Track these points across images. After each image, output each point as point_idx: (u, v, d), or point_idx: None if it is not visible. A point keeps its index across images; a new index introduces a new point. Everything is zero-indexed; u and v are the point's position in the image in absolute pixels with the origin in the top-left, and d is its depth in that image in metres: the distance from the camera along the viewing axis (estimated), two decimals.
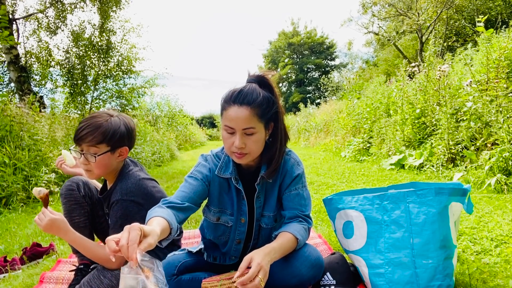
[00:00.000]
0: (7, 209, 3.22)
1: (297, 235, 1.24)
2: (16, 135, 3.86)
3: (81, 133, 1.29)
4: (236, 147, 1.19)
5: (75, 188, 1.46)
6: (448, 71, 4.03)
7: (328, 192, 3.37)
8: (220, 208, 1.35)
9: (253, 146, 1.21)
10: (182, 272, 1.31)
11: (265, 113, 1.21)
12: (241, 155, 1.21)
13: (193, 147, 13.58)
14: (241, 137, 1.19)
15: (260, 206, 1.35)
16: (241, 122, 1.17)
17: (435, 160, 3.88)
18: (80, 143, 1.31)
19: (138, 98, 8.88)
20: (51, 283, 1.60)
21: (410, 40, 16.64)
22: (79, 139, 1.30)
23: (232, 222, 1.35)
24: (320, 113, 11.57)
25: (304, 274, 1.26)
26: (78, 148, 1.33)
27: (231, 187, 1.34)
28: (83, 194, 1.48)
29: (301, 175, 1.36)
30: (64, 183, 1.48)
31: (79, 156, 1.34)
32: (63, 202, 1.46)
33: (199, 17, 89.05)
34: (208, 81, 74.38)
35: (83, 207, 1.46)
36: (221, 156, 1.36)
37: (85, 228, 1.44)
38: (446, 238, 1.23)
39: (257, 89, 1.21)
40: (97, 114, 1.35)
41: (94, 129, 1.29)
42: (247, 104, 1.17)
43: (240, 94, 1.19)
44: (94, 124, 1.30)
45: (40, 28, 8.35)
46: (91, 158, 1.30)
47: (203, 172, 1.32)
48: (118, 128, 1.33)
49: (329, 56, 30.37)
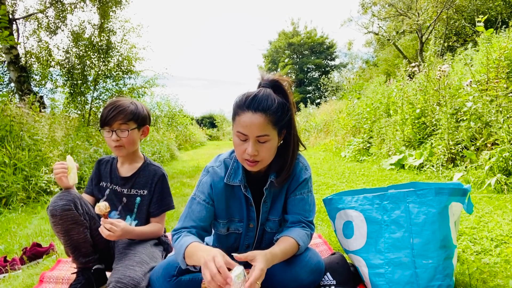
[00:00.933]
0: (7, 209, 3.22)
1: (299, 241, 1.23)
2: (16, 135, 3.86)
3: (112, 113, 1.46)
4: (248, 154, 1.16)
5: (73, 208, 1.34)
6: (448, 71, 4.03)
7: (328, 192, 3.37)
8: (228, 218, 1.35)
9: (266, 154, 1.18)
10: (182, 273, 1.31)
11: (280, 120, 1.18)
12: (254, 163, 1.19)
13: (193, 147, 13.57)
14: (254, 144, 1.15)
15: (266, 210, 1.35)
16: (255, 129, 1.13)
17: (435, 160, 3.88)
18: (111, 122, 1.46)
19: (138, 98, 8.87)
20: (51, 283, 1.59)
21: (410, 40, 16.64)
22: (111, 119, 1.45)
23: (242, 229, 1.35)
24: (320, 113, 11.58)
25: (304, 279, 1.26)
26: (107, 128, 1.48)
27: (239, 194, 1.32)
28: (81, 212, 1.38)
29: (308, 180, 1.35)
30: (55, 202, 1.33)
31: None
32: (58, 223, 1.33)
33: (199, 17, 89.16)
34: (208, 81, 74.47)
35: (82, 225, 1.38)
36: (230, 162, 1.33)
37: (85, 242, 1.40)
38: (446, 238, 1.23)
39: (271, 95, 1.17)
40: (119, 99, 1.52)
41: (123, 109, 1.48)
42: (262, 111, 1.13)
43: (254, 99, 1.15)
44: (122, 105, 1.48)
45: (40, 28, 8.34)
46: (124, 134, 1.48)
47: (205, 192, 1.31)
48: (142, 109, 1.55)
49: (329, 56, 30.36)
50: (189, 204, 1.32)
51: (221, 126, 25.17)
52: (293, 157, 1.29)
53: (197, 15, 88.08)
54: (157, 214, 1.57)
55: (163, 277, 1.27)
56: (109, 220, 1.31)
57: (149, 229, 1.53)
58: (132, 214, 1.56)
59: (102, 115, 1.49)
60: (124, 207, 1.57)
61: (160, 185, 1.57)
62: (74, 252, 1.39)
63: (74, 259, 1.43)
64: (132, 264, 1.31)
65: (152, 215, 1.57)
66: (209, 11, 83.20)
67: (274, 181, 1.29)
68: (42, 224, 2.73)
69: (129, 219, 1.56)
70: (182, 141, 12.58)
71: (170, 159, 8.23)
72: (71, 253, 1.41)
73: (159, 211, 1.56)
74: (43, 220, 2.86)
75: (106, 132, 1.50)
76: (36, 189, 3.63)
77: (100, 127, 1.51)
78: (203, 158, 8.52)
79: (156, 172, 1.58)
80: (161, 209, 1.57)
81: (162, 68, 23.80)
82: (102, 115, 1.49)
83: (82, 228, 1.38)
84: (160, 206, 1.57)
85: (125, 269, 1.28)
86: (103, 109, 1.51)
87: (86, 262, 1.43)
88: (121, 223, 1.34)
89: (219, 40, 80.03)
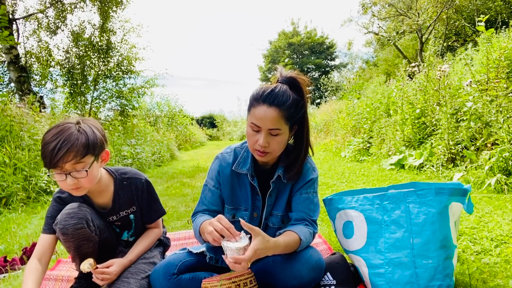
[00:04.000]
0: (7, 209, 3.22)
1: (301, 236, 1.25)
2: (16, 135, 3.86)
3: (59, 153, 1.15)
4: (260, 145, 1.21)
5: (85, 226, 1.27)
6: (448, 71, 4.03)
7: (328, 192, 3.37)
8: (234, 206, 1.38)
9: (276, 146, 1.24)
10: (182, 271, 1.31)
11: (292, 116, 1.23)
12: (263, 154, 1.24)
13: (193, 147, 13.56)
14: (266, 136, 1.21)
15: (270, 204, 1.37)
16: (268, 122, 1.19)
17: (435, 160, 3.88)
18: (61, 164, 1.17)
19: (138, 98, 8.86)
20: (51, 280, 1.60)
21: (410, 40, 16.63)
22: (58, 161, 1.15)
23: (246, 218, 1.37)
24: (320, 113, 11.57)
25: (305, 276, 1.26)
26: (57, 170, 1.18)
27: (246, 183, 1.36)
28: (92, 228, 1.32)
29: (315, 181, 1.38)
30: (65, 220, 1.25)
31: (87, 267, 1.24)
32: (70, 240, 1.27)
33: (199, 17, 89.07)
34: (208, 81, 74.30)
35: (92, 240, 1.33)
36: (240, 151, 1.39)
37: (93, 254, 1.36)
38: (446, 238, 1.23)
39: (287, 91, 1.22)
40: (63, 129, 1.20)
41: (72, 144, 1.17)
42: (277, 105, 1.19)
43: (270, 94, 1.20)
44: (68, 139, 1.17)
45: (40, 28, 8.34)
46: (82, 174, 1.21)
47: (213, 178, 1.39)
48: (94, 133, 1.25)
49: (329, 56, 30.33)
50: (202, 190, 1.43)
51: (221, 126, 25.13)
52: (305, 153, 1.33)
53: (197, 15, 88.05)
54: (151, 222, 1.53)
55: (163, 275, 1.28)
56: (99, 270, 1.26)
57: (146, 245, 1.47)
58: (130, 230, 1.51)
59: (45, 154, 1.17)
60: (120, 227, 1.50)
61: (145, 195, 1.47)
62: (81, 261, 1.34)
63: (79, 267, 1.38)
64: (127, 276, 1.31)
65: (146, 224, 1.54)
66: (209, 11, 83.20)
67: (282, 175, 1.33)
68: (42, 224, 2.72)
69: (125, 235, 1.52)
70: (182, 141, 12.58)
71: (170, 159, 8.22)
72: (78, 262, 1.37)
73: (151, 220, 1.52)
74: (43, 220, 2.85)
75: (57, 175, 1.20)
76: (36, 189, 3.63)
77: (47, 169, 1.21)
78: (203, 158, 8.52)
79: (137, 185, 1.44)
80: (152, 218, 1.52)
81: (162, 68, 23.84)
82: (45, 155, 1.17)
83: (92, 244, 1.34)
84: (150, 216, 1.51)
85: (119, 283, 1.28)
86: (44, 145, 1.18)
87: None
88: (113, 266, 1.29)
89: (219, 40, 79.98)
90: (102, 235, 1.40)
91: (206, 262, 1.40)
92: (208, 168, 1.46)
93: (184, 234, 2.27)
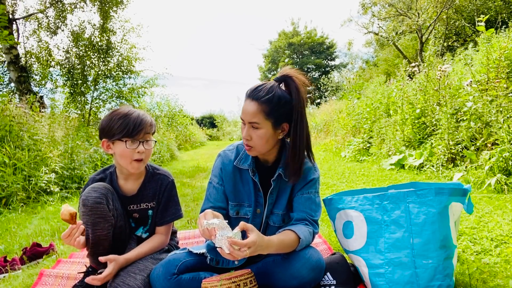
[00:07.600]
0: (7, 209, 3.22)
1: (300, 234, 1.25)
2: (16, 135, 3.86)
3: (144, 121, 1.38)
4: (243, 137, 1.28)
5: (104, 202, 1.32)
6: (449, 71, 4.03)
7: (328, 192, 3.37)
8: (238, 202, 1.40)
9: (257, 141, 1.27)
10: (182, 271, 1.31)
11: (273, 111, 1.24)
12: (248, 147, 1.30)
13: (193, 147, 13.56)
14: (248, 129, 1.27)
15: (272, 202, 1.38)
16: (248, 115, 1.25)
17: (435, 160, 3.88)
18: (143, 131, 1.38)
19: (138, 98, 8.88)
20: (51, 276, 1.61)
21: (410, 40, 16.63)
22: (142, 129, 1.37)
23: (250, 214, 1.38)
24: (320, 113, 11.57)
25: (305, 276, 1.26)
26: (136, 137, 1.37)
27: (248, 179, 1.38)
28: (111, 207, 1.35)
29: (316, 181, 1.39)
30: (89, 192, 1.32)
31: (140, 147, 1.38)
32: (88, 214, 1.31)
33: (199, 17, 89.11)
34: (208, 81, 74.34)
35: (108, 221, 1.34)
36: (242, 148, 1.42)
37: (106, 240, 1.36)
38: (446, 238, 1.23)
39: (273, 88, 1.25)
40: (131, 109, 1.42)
41: (150, 119, 1.42)
42: (256, 99, 1.24)
43: (255, 89, 1.26)
44: (145, 115, 1.41)
45: (40, 28, 8.35)
46: (150, 144, 1.42)
47: (217, 175, 1.42)
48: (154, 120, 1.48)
49: (329, 56, 30.32)
50: (207, 188, 1.46)
51: (221, 126, 25.13)
52: (302, 153, 1.32)
53: (197, 15, 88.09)
54: (161, 224, 1.51)
55: (163, 275, 1.27)
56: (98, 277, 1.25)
57: (147, 248, 1.45)
58: (146, 226, 1.52)
59: (127, 122, 1.35)
60: (137, 221, 1.51)
61: (166, 194, 1.50)
62: (92, 247, 1.35)
63: (90, 255, 1.39)
64: (134, 272, 1.30)
65: (157, 225, 1.52)
66: (209, 11, 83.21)
67: (282, 174, 1.35)
68: (42, 224, 2.73)
69: (140, 230, 1.52)
70: (182, 141, 12.58)
71: (170, 159, 8.22)
72: (90, 248, 1.36)
73: (162, 221, 1.50)
74: (43, 220, 2.86)
75: (129, 143, 1.36)
76: (36, 189, 3.63)
77: (120, 138, 1.35)
78: (203, 158, 8.52)
79: (163, 182, 1.51)
80: (165, 219, 1.50)
81: (162, 68, 23.83)
82: (126, 126, 1.35)
83: (107, 225, 1.34)
84: (164, 216, 1.50)
85: (126, 276, 1.28)
86: (124, 116, 1.36)
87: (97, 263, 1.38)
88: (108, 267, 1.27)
89: (219, 40, 80.00)
90: (118, 222, 1.41)
91: (206, 262, 1.40)
92: (211, 166, 1.49)
93: (184, 234, 2.27)
